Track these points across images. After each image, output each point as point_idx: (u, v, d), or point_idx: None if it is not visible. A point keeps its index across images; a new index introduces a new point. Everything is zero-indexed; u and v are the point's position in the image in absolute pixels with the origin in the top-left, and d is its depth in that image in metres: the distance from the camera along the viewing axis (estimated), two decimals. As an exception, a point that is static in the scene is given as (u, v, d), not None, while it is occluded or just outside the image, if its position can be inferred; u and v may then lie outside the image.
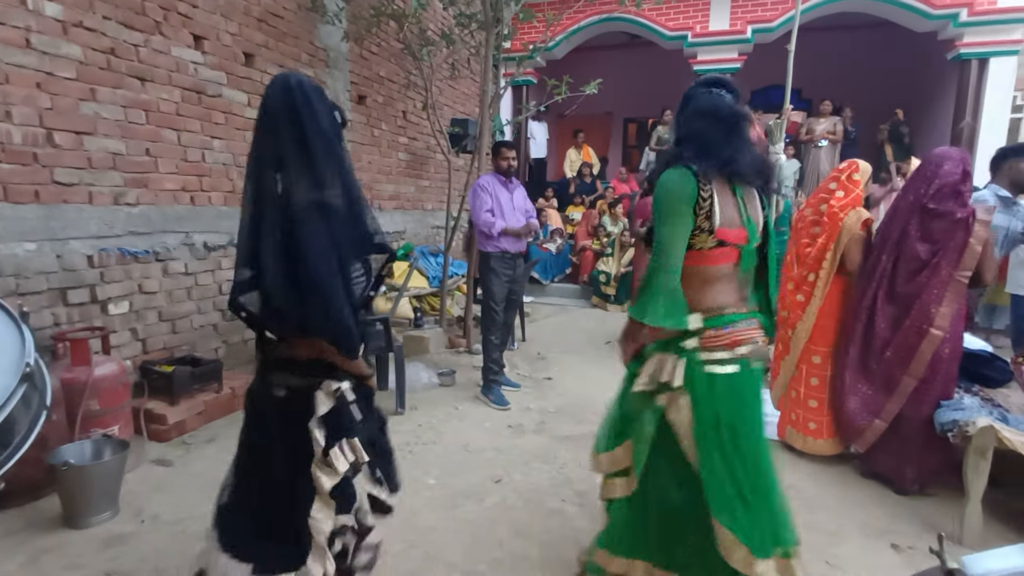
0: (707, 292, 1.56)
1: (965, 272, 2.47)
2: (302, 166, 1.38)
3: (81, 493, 2.29)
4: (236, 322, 4.00)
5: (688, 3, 7.94)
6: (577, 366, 4.65)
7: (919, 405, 2.59)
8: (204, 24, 3.66)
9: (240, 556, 1.48)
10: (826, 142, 8.10)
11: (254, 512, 1.53)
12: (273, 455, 1.49)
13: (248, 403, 1.59)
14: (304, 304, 1.34)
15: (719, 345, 1.53)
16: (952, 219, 2.50)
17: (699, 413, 1.51)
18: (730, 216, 1.54)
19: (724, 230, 1.52)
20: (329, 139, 1.42)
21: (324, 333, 1.37)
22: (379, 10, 4.98)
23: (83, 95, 2.98)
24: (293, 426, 1.44)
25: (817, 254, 2.96)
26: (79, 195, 2.99)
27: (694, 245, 1.53)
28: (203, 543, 2.18)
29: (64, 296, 2.94)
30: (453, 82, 6.84)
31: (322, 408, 1.43)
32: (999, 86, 7.03)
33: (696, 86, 1.64)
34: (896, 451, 2.66)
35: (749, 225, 1.56)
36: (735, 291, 1.59)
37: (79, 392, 2.59)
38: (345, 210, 1.42)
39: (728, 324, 1.55)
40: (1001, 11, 6.81)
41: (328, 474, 1.42)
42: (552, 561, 2.11)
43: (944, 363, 2.57)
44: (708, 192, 1.50)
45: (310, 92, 1.42)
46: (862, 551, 2.21)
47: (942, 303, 2.51)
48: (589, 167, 9.42)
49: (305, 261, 1.32)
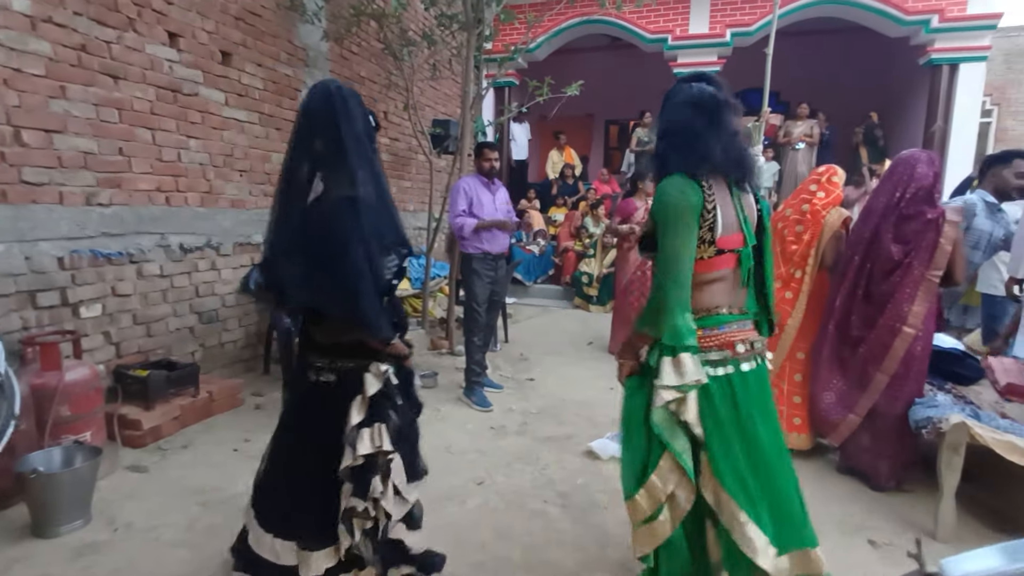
0: (702, 294, 1.55)
1: (936, 272, 2.53)
2: (338, 165, 1.51)
3: (50, 501, 2.23)
4: (213, 325, 3.94)
5: (668, 6, 8.03)
6: (560, 367, 4.65)
7: (892, 401, 2.65)
8: (179, 21, 3.59)
9: (285, 535, 1.60)
10: (803, 144, 8.24)
11: (294, 492, 1.62)
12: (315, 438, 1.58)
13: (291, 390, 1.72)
14: (336, 293, 1.46)
15: (712, 346, 1.52)
16: (923, 220, 2.56)
17: (710, 414, 1.49)
18: (730, 222, 1.53)
19: (724, 238, 1.51)
20: (363, 141, 1.54)
21: (355, 320, 1.48)
22: (359, 9, 4.94)
23: (53, 92, 2.90)
24: (338, 408, 1.54)
25: (803, 251, 3.04)
26: (49, 195, 2.91)
27: (695, 255, 1.50)
28: (178, 551, 2.14)
29: (33, 299, 2.85)
30: (434, 83, 6.81)
31: (372, 388, 1.54)
32: (968, 91, 7.23)
33: (679, 83, 1.61)
34: (871, 448, 2.70)
35: (746, 227, 1.55)
36: (729, 292, 1.58)
37: (49, 398, 2.52)
38: (376, 206, 1.52)
39: (723, 324, 1.55)
40: (970, 18, 7.00)
41: (349, 453, 1.51)
42: (535, 563, 2.11)
43: (917, 360, 2.62)
44: (712, 203, 1.49)
45: (348, 97, 1.55)
46: (840, 547, 2.24)
47: (914, 302, 2.57)
48: (571, 168, 9.46)
49: (338, 254, 1.44)
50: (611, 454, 2.97)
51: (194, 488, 2.61)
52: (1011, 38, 10.83)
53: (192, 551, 2.14)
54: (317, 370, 1.59)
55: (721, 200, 1.52)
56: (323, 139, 1.52)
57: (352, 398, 1.53)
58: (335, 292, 1.45)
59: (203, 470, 2.79)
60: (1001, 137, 11.18)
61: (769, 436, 1.54)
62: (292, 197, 1.54)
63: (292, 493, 1.62)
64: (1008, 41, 10.80)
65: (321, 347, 1.59)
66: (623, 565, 2.10)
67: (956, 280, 2.59)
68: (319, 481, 1.57)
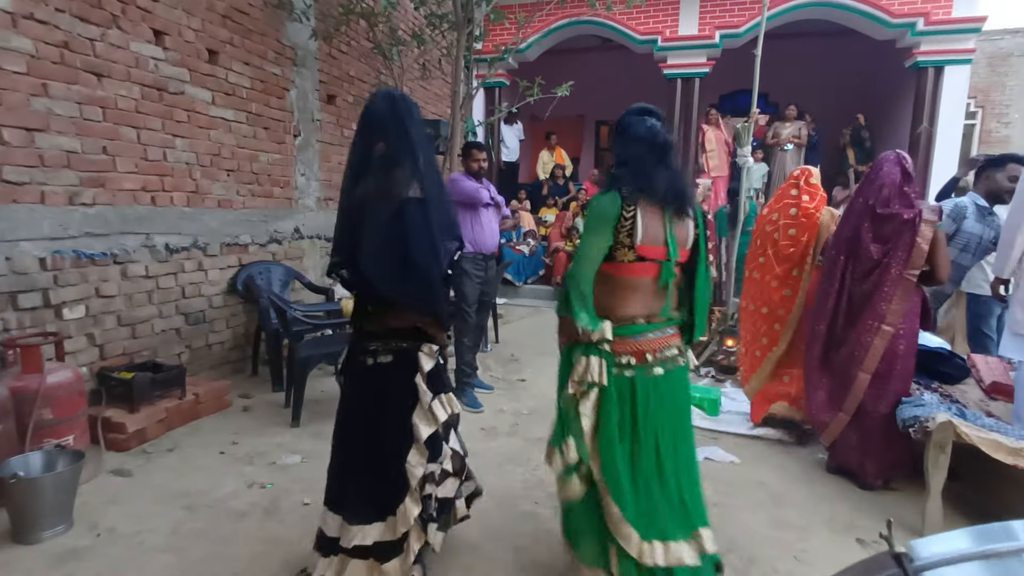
0: (621, 301, 1.75)
1: (913, 271, 2.57)
2: (406, 165, 1.68)
3: (32, 506, 2.18)
4: (200, 326, 3.90)
5: (658, 8, 8.05)
6: (551, 368, 4.60)
7: (877, 400, 2.67)
8: (165, 19, 3.54)
9: (333, 509, 1.80)
10: (791, 146, 8.31)
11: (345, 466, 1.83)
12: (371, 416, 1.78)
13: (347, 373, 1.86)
14: (408, 283, 1.65)
15: (625, 351, 1.73)
16: (900, 220, 2.60)
17: (604, 408, 1.71)
18: (653, 234, 1.71)
19: (645, 247, 1.70)
20: (426, 143, 1.74)
21: (424, 308, 1.71)
22: (348, 8, 4.91)
23: (34, 90, 2.86)
24: (395, 385, 1.75)
25: (802, 251, 3.21)
26: (30, 195, 2.86)
27: (615, 257, 1.71)
28: (163, 556, 2.11)
29: (14, 300, 2.80)
30: (424, 82, 6.79)
31: (427, 366, 1.76)
32: (953, 93, 7.31)
33: (628, 114, 1.81)
34: (858, 447, 2.72)
35: (671, 243, 1.73)
36: (648, 302, 1.76)
37: (30, 401, 2.48)
38: (436, 203, 1.71)
39: (636, 334, 1.74)
40: (955, 21, 7.08)
41: (428, 423, 1.73)
42: (526, 564, 2.10)
43: (900, 359, 2.65)
44: (631, 213, 1.68)
45: (411, 104, 1.75)
46: (829, 546, 2.25)
47: (892, 300, 2.61)
48: (562, 169, 9.46)
49: (411, 248, 1.63)
50: (601, 455, 2.96)
51: (179, 492, 2.58)
52: (995, 41, 10.99)
53: (177, 556, 2.11)
54: (373, 353, 1.76)
55: (645, 212, 1.70)
56: (389, 142, 1.69)
57: (405, 375, 1.74)
58: (411, 283, 1.66)
59: (189, 473, 2.76)
60: (985, 139, 11.33)
61: (669, 432, 1.75)
62: (361, 197, 1.70)
63: (344, 468, 1.83)
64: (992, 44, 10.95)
65: (375, 333, 1.79)
66: (613, 566, 2.10)
67: (939, 279, 2.61)
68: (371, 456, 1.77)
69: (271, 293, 3.98)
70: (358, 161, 1.73)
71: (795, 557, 2.17)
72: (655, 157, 1.72)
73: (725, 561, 2.12)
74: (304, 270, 4.90)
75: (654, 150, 1.73)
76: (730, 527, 2.36)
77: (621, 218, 1.68)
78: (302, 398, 3.42)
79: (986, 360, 3.21)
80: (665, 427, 1.74)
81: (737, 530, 2.35)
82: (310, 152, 5.01)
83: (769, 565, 2.12)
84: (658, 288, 1.75)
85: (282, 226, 4.68)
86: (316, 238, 5.09)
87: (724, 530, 2.34)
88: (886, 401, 2.65)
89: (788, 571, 2.10)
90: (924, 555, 0.72)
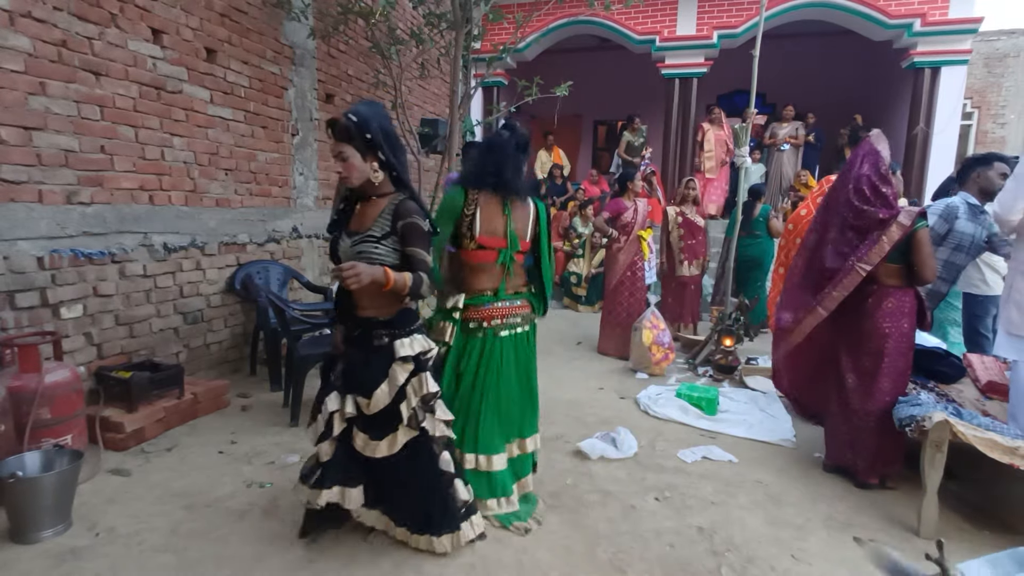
0: (472, 278, 2.31)
1: (864, 265, 2.65)
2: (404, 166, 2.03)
3: (30, 506, 2.18)
4: (198, 325, 3.90)
5: (656, 8, 8.06)
6: (548, 367, 4.65)
7: (865, 397, 2.69)
8: (163, 18, 3.54)
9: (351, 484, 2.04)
10: (788, 146, 8.33)
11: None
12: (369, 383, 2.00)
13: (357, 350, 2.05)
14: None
15: (473, 317, 2.29)
16: (876, 219, 2.65)
17: (450, 358, 2.30)
18: (492, 228, 2.24)
19: (484, 238, 2.24)
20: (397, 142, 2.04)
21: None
22: (346, 7, 4.90)
23: (32, 89, 2.85)
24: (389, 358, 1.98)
25: None
26: (28, 194, 2.85)
27: (463, 245, 2.27)
28: (162, 555, 2.11)
29: (12, 300, 2.79)
30: (423, 82, 6.78)
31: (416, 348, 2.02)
32: (950, 94, 7.34)
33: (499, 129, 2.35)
34: (854, 446, 2.74)
35: (511, 235, 2.27)
36: (493, 280, 2.30)
37: (28, 400, 2.47)
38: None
39: (485, 304, 2.29)
40: (951, 22, 7.11)
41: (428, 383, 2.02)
42: (525, 564, 2.10)
43: (887, 356, 2.66)
44: (472, 209, 2.23)
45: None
46: (827, 544, 2.26)
47: (836, 287, 2.72)
48: (560, 169, 9.46)
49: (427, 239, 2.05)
50: (600, 454, 2.98)
51: (178, 491, 2.58)
52: (991, 42, 11.04)
53: (176, 556, 2.11)
54: (380, 336, 1.99)
55: (486, 208, 2.24)
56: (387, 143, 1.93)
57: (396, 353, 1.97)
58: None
59: (187, 473, 2.76)
60: (981, 140, 11.38)
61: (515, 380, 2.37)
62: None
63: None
64: (988, 45, 11.00)
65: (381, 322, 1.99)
66: (612, 564, 2.10)
67: (924, 278, 2.65)
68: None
69: (269, 292, 3.97)
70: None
71: (792, 556, 2.18)
72: (494, 159, 2.23)
73: (724, 560, 2.14)
74: (302, 269, 4.90)
75: (494, 152, 2.25)
76: (728, 526, 2.37)
77: (463, 213, 2.22)
78: (301, 397, 3.41)
79: (982, 359, 3.23)
80: (511, 376, 2.34)
81: (735, 529, 2.36)
82: (308, 151, 5.01)
83: (767, 564, 2.13)
84: (497, 270, 2.28)
85: (280, 225, 4.67)
86: (314, 237, 5.08)
87: (723, 529, 2.35)
88: (874, 399, 2.67)
89: (786, 570, 2.10)
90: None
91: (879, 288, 2.69)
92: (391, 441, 2.00)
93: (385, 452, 1.99)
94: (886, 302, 2.67)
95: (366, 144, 1.89)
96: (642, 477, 2.81)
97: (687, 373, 4.66)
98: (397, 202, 1.96)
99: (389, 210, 1.95)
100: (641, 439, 3.20)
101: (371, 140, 1.88)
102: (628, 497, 2.60)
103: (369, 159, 1.92)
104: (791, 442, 3.25)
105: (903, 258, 2.64)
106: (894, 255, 2.63)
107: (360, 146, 1.89)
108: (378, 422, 1.99)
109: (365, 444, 2.01)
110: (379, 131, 1.90)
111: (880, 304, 2.68)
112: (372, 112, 1.91)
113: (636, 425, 3.40)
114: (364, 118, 1.87)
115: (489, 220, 2.23)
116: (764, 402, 3.87)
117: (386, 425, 2.00)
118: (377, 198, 2.00)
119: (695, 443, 3.22)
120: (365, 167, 1.92)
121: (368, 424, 2.01)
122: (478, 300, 2.28)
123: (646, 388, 4.10)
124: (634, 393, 4.03)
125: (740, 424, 3.48)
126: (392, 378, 1.97)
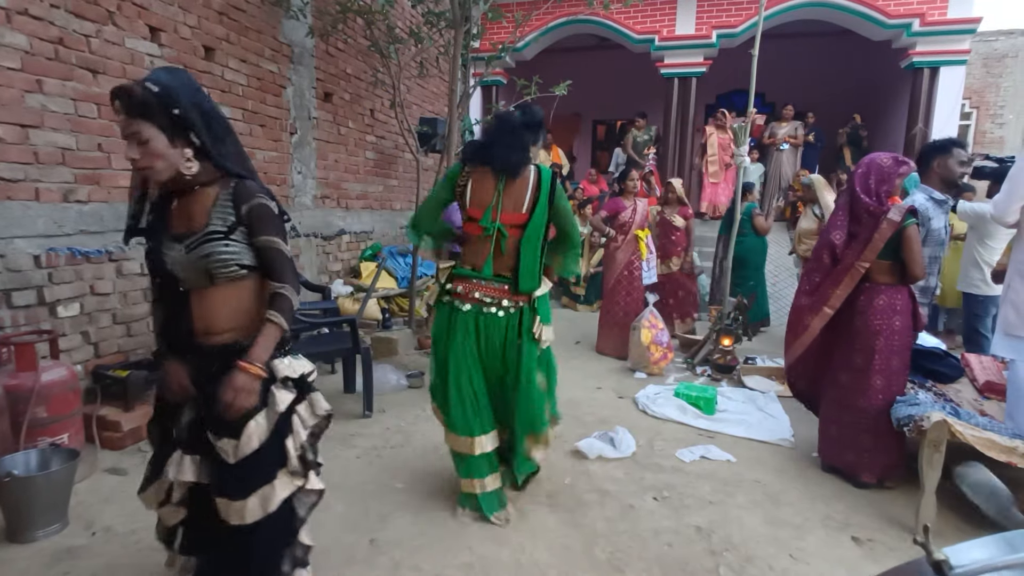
0: (464, 250, 2.36)
1: (863, 263, 2.67)
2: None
3: (26, 505, 2.17)
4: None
5: (655, 7, 8.06)
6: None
7: (857, 394, 2.69)
8: (161, 16, 3.53)
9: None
10: (787, 146, 8.33)
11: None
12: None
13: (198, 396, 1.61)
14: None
15: (453, 289, 2.31)
16: (869, 217, 2.67)
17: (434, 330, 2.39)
18: (481, 200, 2.25)
19: (472, 209, 2.26)
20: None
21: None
22: (345, 6, 4.89)
23: (29, 87, 2.83)
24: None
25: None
26: (25, 192, 2.84)
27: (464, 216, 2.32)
28: (158, 554, 2.10)
29: (8, 298, 2.78)
30: (422, 81, 6.77)
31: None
32: (948, 93, 7.35)
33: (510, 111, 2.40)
34: (852, 446, 2.73)
35: (497, 208, 2.23)
36: (477, 256, 2.29)
37: (25, 399, 2.46)
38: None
39: (469, 279, 2.28)
40: (950, 22, 7.12)
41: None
42: (523, 563, 2.10)
43: (878, 354, 2.66)
44: (464, 180, 2.28)
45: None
46: (825, 544, 2.26)
47: (839, 286, 2.73)
48: (558, 168, 9.46)
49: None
50: (598, 453, 2.98)
51: (175, 490, 2.56)
52: (989, 43, 11.05)
53: (173, 555, 2.10)
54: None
55: (479, 181, 2.25)
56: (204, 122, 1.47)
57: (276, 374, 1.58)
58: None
59: (185, 472, 2.74)
60: (979, 139, 11.40)
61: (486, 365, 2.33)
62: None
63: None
64: (986, 45, 11.02)
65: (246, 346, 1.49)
66: (611, 564, 2.10)
67: (914, 275, 2.66)
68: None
69: (267, 291, 3.95)
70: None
71: (791, 555, 2.18)
72: (490, 135, 2.29)
73: (722, 560, 2.14)
74: (301, 268, 4.88)
75: (498, 130, 2.27)
76: (726, 525, 2.37)
77: (456, 184, 2.29)
78: (298, 397, 3.40)
79: (980, 359, 3.23)
80: (474, 355, 2.30)
81: (733, 528, 2.35)
82: (307, 150, 5.00)
83: (765, 563, 2.13)
84: (487, 245, 2.25)
85: (278, 224, 4.66)
86: (313, 236, 5.07)
87: (721, 528, 2.35)
88: (866, 396, 2.66)
89: (784, 569, 2.10)
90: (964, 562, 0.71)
91: (871, 286, 2.70)
92: (263, 498, 1.45)
93: (258, 515, 1.45)
94: (877, 299, 2.68)
95: (172, 123, 1.38)
96: (640, 476, 2.81)
97: (685, 372, 4.66)
98: (234, 184, 1.50)
99: (227, 196, 1.49)
100: (639, 439, 3.20)
101: (179, 117, 1.38)
102: (626, 496, 2.60)
103: (179, 143, 1.41)
104: (789, 442, 3.25)
105: (894, 255, 2.65)
106: (885, 251, 2.64)
107: (164, 125, 1.37)
108: (246, 472, 1.45)
109: (227, 508, 1.45)
110: (190, 106, 1.40)
111: (872, 301, 2.68)
112: (179, 81, 1.42)
113: (634, 424, 3.40)
114: (168, 88, 1.37)
115: (477, 194, 2.25)
116: (762, 402, 3.87)
117: (255, 476, 1.46)
118: (202, 187, 1.49)
119: (693, 443, 3.22)
120: (173, 154, 1.40)
121: (226, 480, 1.46)
122: (460, 272, 2.32)
123: (644, 387, 4.10)
124: (632, 392, 4.03)
125: (738, 424, 3.48)
126: (272, 405, 1.47)
